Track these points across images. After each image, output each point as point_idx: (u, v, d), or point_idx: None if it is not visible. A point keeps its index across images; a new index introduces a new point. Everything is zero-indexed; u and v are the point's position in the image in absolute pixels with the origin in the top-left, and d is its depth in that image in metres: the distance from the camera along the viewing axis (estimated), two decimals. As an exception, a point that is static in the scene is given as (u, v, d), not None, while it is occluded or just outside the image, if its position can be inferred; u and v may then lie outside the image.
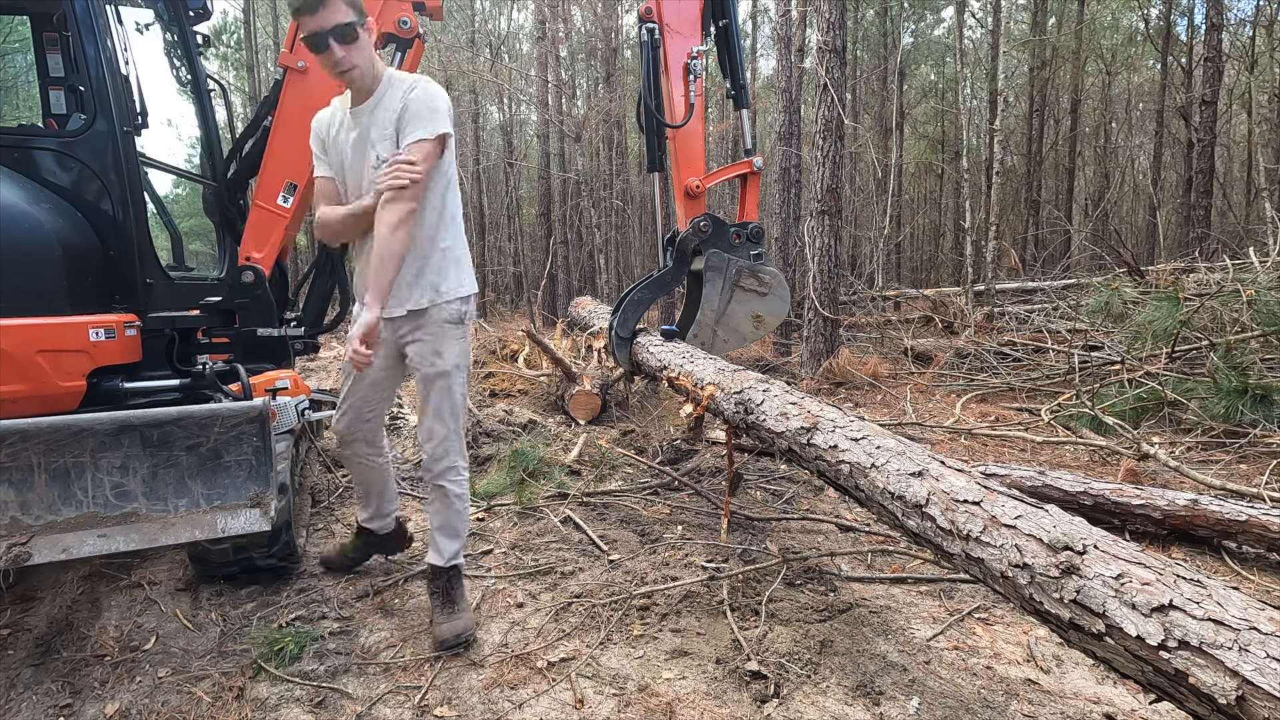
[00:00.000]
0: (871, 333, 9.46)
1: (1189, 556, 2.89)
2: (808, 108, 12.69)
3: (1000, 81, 10.91)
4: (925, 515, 1.59)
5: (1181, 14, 16.71)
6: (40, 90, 3.38)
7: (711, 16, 3.69)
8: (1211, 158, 12.10)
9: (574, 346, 6.82)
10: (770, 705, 1.94)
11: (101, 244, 2.62)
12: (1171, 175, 18.13)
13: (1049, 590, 1.30)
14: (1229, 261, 6.57)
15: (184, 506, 2.06)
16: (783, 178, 10.05)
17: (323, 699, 2.02)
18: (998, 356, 7.21)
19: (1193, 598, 1.14)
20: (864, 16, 17.91)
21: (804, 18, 10.18)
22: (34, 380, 2.26)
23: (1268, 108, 14.82)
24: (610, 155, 17.43)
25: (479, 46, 19.32)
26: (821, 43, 7.03)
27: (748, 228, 3.56)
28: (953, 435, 4.77)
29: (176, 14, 3.47)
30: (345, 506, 3.56)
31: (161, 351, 2.81)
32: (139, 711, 1.97)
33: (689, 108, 3.55)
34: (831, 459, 1.95)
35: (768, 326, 3.72)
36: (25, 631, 2.39)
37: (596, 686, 2.05)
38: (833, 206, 7.06)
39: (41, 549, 1.94)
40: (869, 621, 2.40)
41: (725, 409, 2.57)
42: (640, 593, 2.57)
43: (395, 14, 3.37)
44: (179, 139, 43.98)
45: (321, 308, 3.64)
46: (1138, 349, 5.60)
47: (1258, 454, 4.04)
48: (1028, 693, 2.01)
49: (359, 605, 2.55)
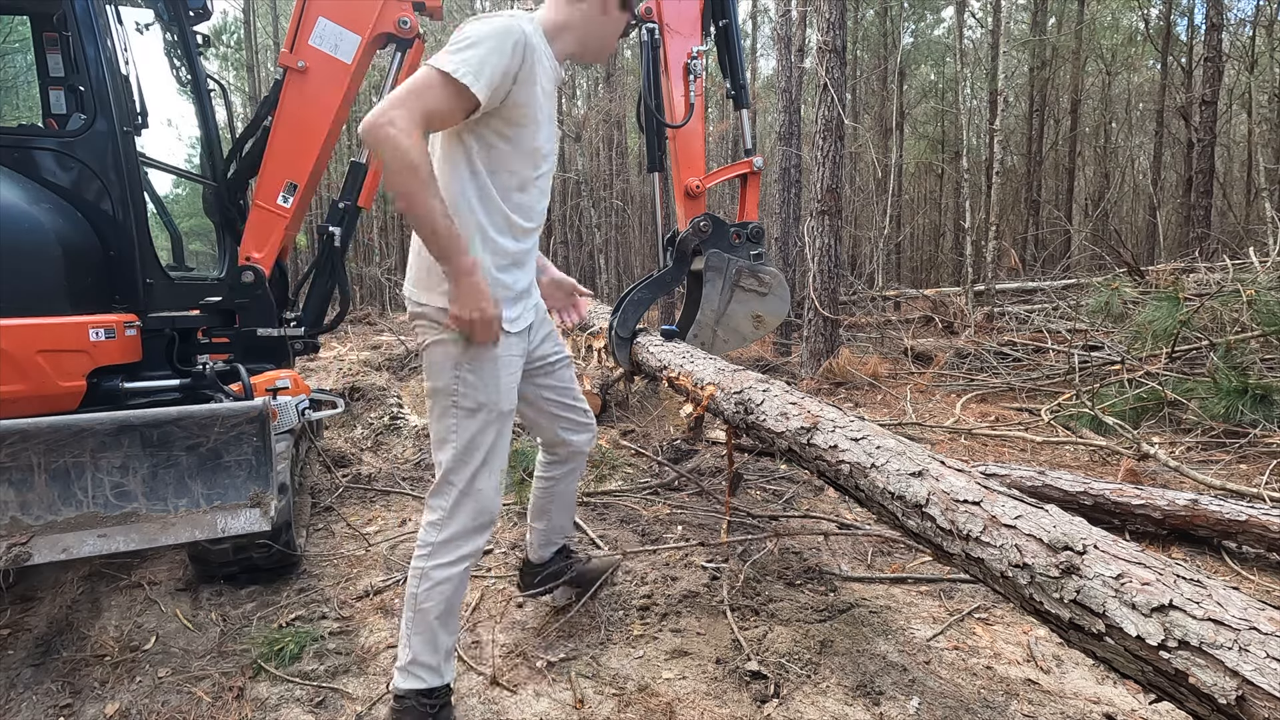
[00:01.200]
0: (871, 333, 9.47)
1: (1189, 556, 2.89)
2: (808, 108, 12.70)
3: (1000, 81, 10.91)
4: (925, 515, 1.59)
5: (1181, 14, 16.73)
6: (40, 90, 3.38)
7: (711, 16, 3.69)
8: (1211, 158, 12.11)
9: (574, 346, 6.82)
10: (770, 705, 1.94)
11: (101, 244, 2.62)
12: (1171, 175, 18.14)
13: (1049, 590, 1.30)
14: (1229, 261, 6.57)
15: (184, 506, 2.06)
16: (783, 178, 10.05)
17: (323, 699, 2.02)
18: (998, 356, 7.21)
19: (1193, 598, 1.14)
20: (864, 16, 17.92)
21: (804, 18, 10.18)
22: (34, 380, 2.26)
23: (1268, 108, 14.82)
24: (610, 155, 17.44)
25: (479, 46, 19.26)
26: (821, 43, 7.03)
27: (748, 228, 3.56)
28: (953, 435, 4.77)
29: (176, 14, 3.47)
30: (346, 506, 3.57)
31: (161, 351, 2.81)
32: (139, 711, 1.97)
33: (689, 108, 3.55)
34: (831, 459, 1.95)
35: (768, 326, 3.72)
36: (25, 631, 2.39)
37: (596, 686, 2.05)
38: (833, 206, 7.06)
39: (41, 549, 1.94)
40: (869, 621, 2.40)
41: (725, 409, 2.56)
42: (640, 592, 2.57)
43: (395, 14, 3.37)
44: (179, 139, 44.04)
45: (321, 308, 3.64)
46: (1138, 349, 5.60)
47: (1258, 454, 4.04)
48: (1028, 693, 2.01)
49: (359, 605, 2.55)
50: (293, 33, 3.30)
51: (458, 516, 1.74)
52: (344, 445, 4.57)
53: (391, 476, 4.01)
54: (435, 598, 1.72)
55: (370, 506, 3.60)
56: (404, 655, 1.74)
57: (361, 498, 3.72)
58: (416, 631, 1.73)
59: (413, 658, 1.73)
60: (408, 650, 1.74)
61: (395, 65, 3.49)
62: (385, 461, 4.38)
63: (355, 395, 5.65)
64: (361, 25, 3.33)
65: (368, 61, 3.43)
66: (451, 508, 1.75)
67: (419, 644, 1.73)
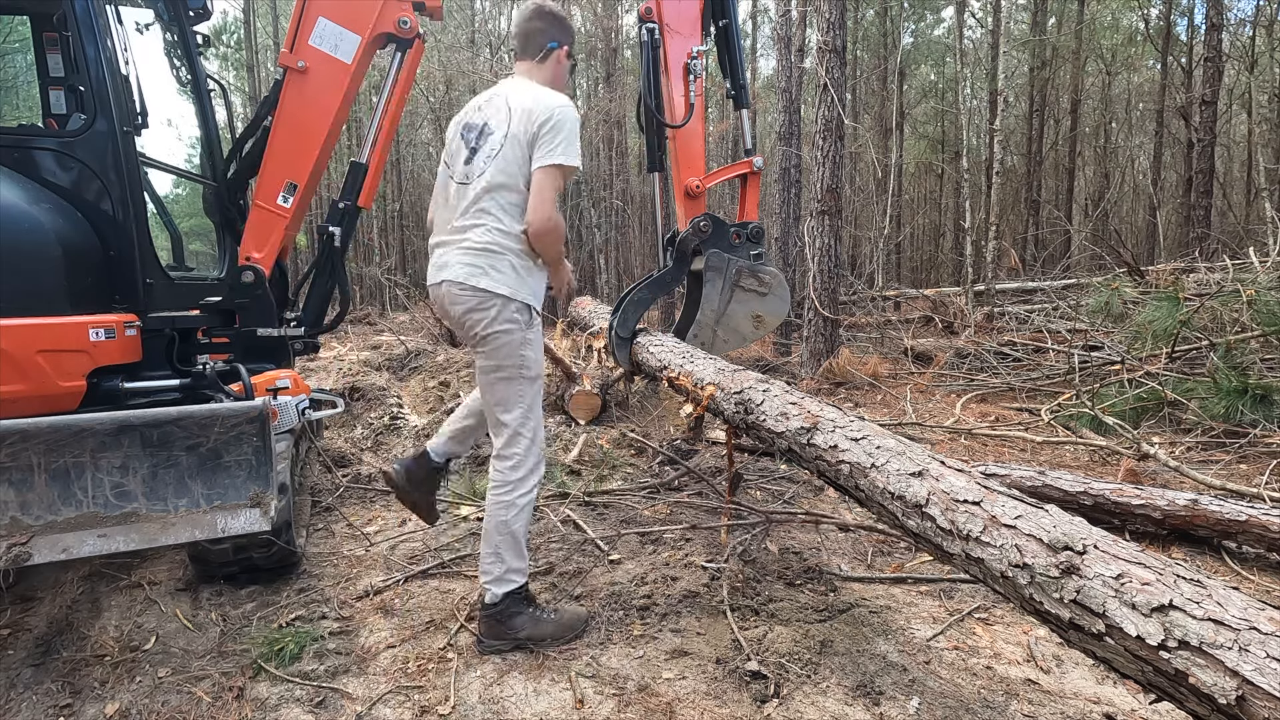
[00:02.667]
0: (871, 333, 9.46)
1: (1189, 556, 2.89)
2: (808, 108, 12.69)
3: (1000, 81, 10.91)
4: (925, 515, 1.59)
5: (1181, 14, 16.73)
6: (40, 90, 3.38)
7: (711, 16, 3.69)
8: (1211, 158, 12.10)
9: (574, 346, 6.81)
10: (770, 705, 1.94)
11: (101, 244, 2.62)
12: (1171, 175, 18.13)
13: (1049, 590, 1.30)
14: (1229, 261, 6.57)
15: (184, 506, 2.06)
16: (783, 178, 10.05)
17: (323, 699, 2.02)
18: (998, 356, 7.21)
19: (1193, 598, 1.14)
20: (864, 16, 17.92)
21: (804, 18, 10.17)
22: (34, 380, 2.26)
23: (1268, 108, 14.82)
24: (610, 155, 17.42)
25: (479, 46, 19.33)
26: (821, 43, 7.03)
27: (748, 228, 3.56)
28: (953, 435, 4.77)
29: (176, 14, 3.47)
30: (346, 506, 3.57)
31: (161, 351, 2.81)
32: (139, 711, 1.97)
33: (689, 108, 3.55)
34: (831, 459, 1.95)
35: (768, 326, 3.72)
36: (25, 631, 2.40)
37: (596, 686, 2.05)
38: (833, 206, 7.06)
39: (41, 549, 1.94)
40: (869, 621, 2.40)
41: (725, 409, 2.56)
42: (640, 592, 2.57)
43: (395, 14, 3.37)
44: (179, 139, 44.05)
45: (321, 308, 3.63)
46: (1138, 349, 5.59)
47: (1258, 454, 4.04)
48: (1028, 693, 2.01)
49: (359, 605, 2.55)
50: (293, 33, 3.30)
51: (529, 458, 2.28)
52: (344, 445, 4.57)
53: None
54: (522, 518, 2.26)
55: (370, 506, 3.60)
56: (497, 570, 2.25)
57: (361, 498, 3.72)
58: (507, 548, 2.25)
59: (507, 568, 2.25)
60: (501, 565, 2.25)
61: (395, 65, 3.49)
62: (385, 461, 4.38)
63: (355, 395, 5.65)
64: (361, 25, 3.32)
65: (368, 61, 3.43)
66: (524, 452, 2.27)
67: (511, 556, 2.26)
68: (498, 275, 2.19)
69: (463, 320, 2.24)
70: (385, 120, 3.51)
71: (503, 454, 2.27)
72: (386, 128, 3.52)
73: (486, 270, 2.18)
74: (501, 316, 2.19)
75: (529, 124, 2.17)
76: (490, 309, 2.18)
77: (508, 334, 2.21)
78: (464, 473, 3.96)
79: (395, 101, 3.51)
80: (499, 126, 2.22)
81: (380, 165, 3.58)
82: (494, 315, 2.19)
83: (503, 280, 2.19)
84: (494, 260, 2.20)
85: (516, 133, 2.18)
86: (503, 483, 2.26)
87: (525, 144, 2.17)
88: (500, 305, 2.19)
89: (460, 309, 2.21)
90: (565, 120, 2.17)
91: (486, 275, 2.18)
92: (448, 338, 9.31)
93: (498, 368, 2.23)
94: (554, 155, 2.15)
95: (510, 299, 2.20)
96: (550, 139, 2.15)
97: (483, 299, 2.18)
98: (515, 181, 2.20)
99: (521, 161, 2.19)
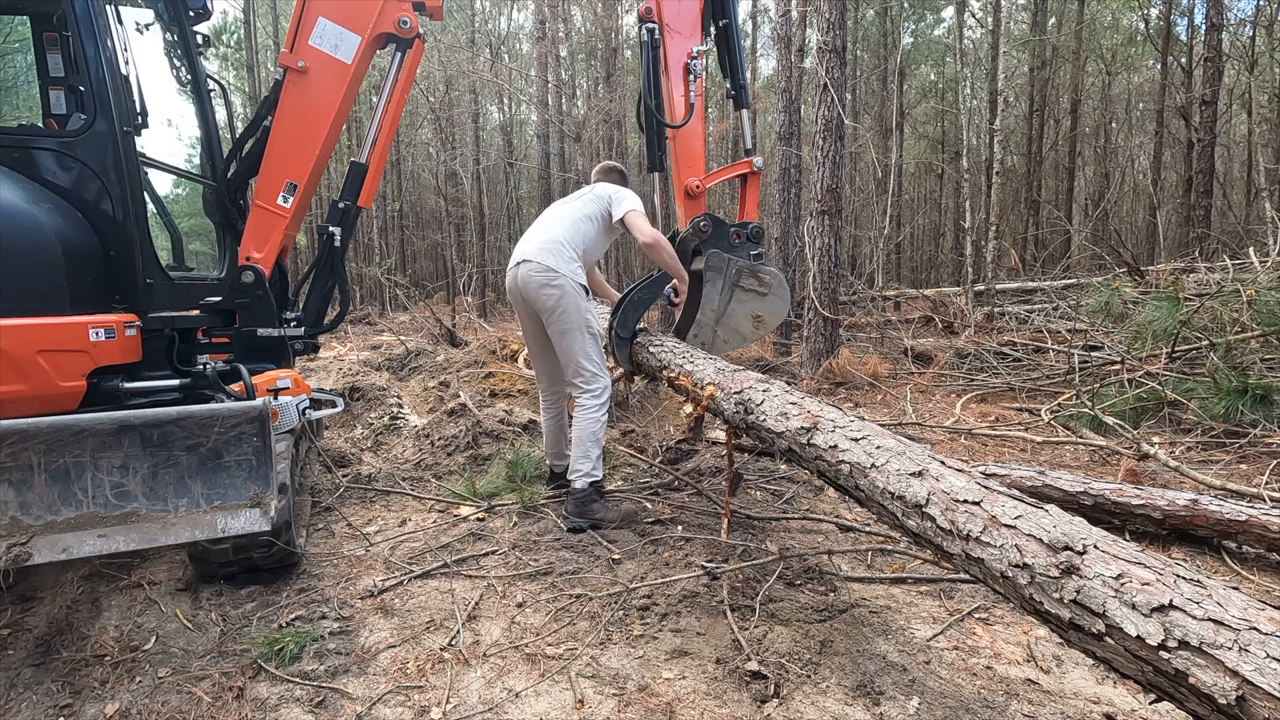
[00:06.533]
0: (871, 333, 9.47)
1: (1189, 556, 2.89)
2: (808, 108, 12.71)
3: (1000, 81, 10.91)
4: (925, 515, 1.59)
5: (1181, 14, 16.72)
6: (40, 90, 3.38)
7: (711, 16, 3.69)
8: (1211, 158, 12.11)
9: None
10: (770, 705, 1.94)
11: (101, 244, 2.62)
12: (1171, 175, 18.13)
13: (1049, 590, 1.30)
14: (1229, 261, 6.58)
15: (184, 506, 2.06)
16: (783, 178, 10.05)
17: (323, 699, 2.02)
18: (998, 356, 7.21)
19: (1193, 598, 1.14)
20: (864, 16, 17.92)
21: (804, 18, 10.18)
22: (34, 380, 2.26)
23: (1268, 108, 14.82)
24: (610, 155, 17.42)
25: (479, 46, 19.32)
26: (821, 43, 7.03)
27: (748, 228, 3.56)
28: (953, 435, 4.77)
29: (176, 14, 3.47)
30: (346, 506, 3.57)
31: (161, 351, 2.81)
32: (139, 711, 1.97)
33: (689, 108, 3.55)
34: (831, 459, 1.95)
35: (768, 326, 3.72)
36: (25, 631, 2.39)
37: (596, 686, 2.05)
38: (833, 206, 7.06)
39: (41, 549, 1.94)
40: (869, 621, 2.40)
41: (725, 409, 2.56)
42: (640, 593, 2.57)
43: (395, 14, 3.37)
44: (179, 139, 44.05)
45: (321, 308, 3.64)
46: (1138, 349, 5.59)
47: (1258, 454, 4.04)
48: (1028, 693, 2.01)
49: (359, 605, 2.55)
50: (293, 33, 3.30)
51: (599, 382, 3.25)
52: (344, 445, 4.57)
53: (391, 476, 4.01)
54: (601, 426, 3.26)
55: (370, 506, 3.60)
56: (585, 466, 3.20)
57: (361, 498, 3.72)
58: (595, 448, 3.22)
59: (593, 465, 3.21)
60: (588, 462, 3.20)
61: (395, 65, 3.49)
62: (385, 461, 4.38)
63: (355, 395, 5.65)
64: (361, 25, 3.33)
65: (368, 61, 3.43)
66: (603, 384, 3.26)
67: (596, 456, 3.23)
68: (559, 264, 3.14)
69: (537, 296, 3.12)
70: (385, 120, 3.51)
71: (588, 388, 3.22)
72: (386, 128, 3.52)
73: (558, 260, 3.14)
74: (568, 286, 3.12)
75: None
76: (563, 286, 3.12)
77: (574, 300, 3.12)
78: (464, 473, 3.96)
79: (395, 101, 3.51)
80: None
81: (380, 165, 3.58)
82: (567, 290, 3.13)
83: (564, 269, 3.14)
84: (564, 260, 3.18)
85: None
86: (592, 405, 3.21)
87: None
88: (566, 282, 3.11)
89: (535, 284, 3.12)
90: (624, 191, 3.38)
91: (555, 264, 3.12)
92: (448, 338, 9.31)
93: (570, 328, 3.14)
94: (630, 204, 3.31)
95: (569, 278, 3.13)
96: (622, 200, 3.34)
97: (558, 279, 3.11)
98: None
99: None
